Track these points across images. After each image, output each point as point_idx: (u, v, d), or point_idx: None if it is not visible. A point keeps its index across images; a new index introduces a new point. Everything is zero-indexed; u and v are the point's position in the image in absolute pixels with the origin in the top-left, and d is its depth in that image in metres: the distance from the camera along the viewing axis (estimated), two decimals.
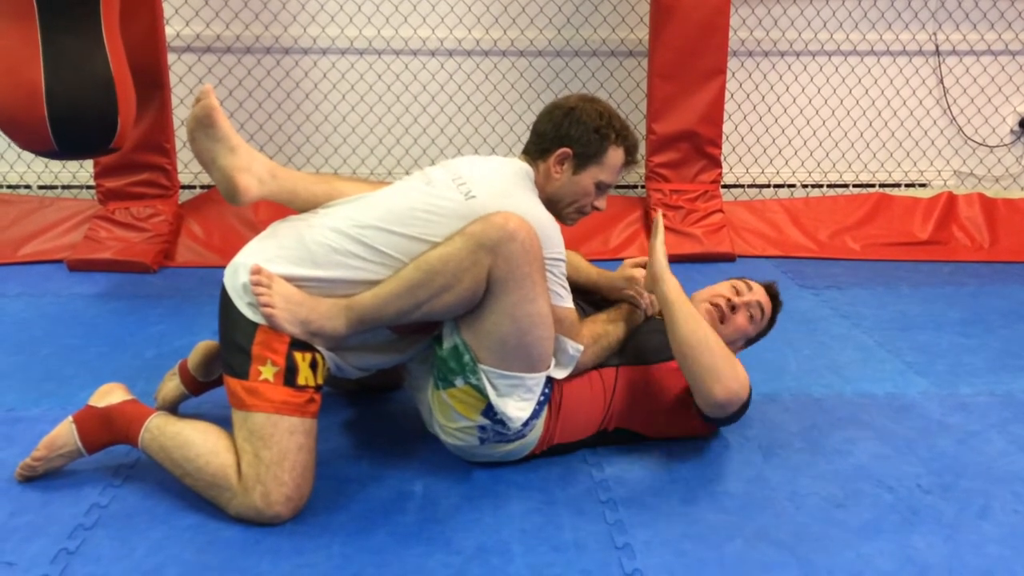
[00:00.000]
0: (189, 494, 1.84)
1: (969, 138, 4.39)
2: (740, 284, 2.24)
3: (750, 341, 2.27)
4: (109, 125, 2.74)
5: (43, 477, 1.91)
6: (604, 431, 2.07)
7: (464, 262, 1.78)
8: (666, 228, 3.76)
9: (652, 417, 2.08)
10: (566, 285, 1.96)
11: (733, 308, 2.18)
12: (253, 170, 1.92)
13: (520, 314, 1.82)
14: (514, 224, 1.78)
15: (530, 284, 1.81)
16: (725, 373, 1.92)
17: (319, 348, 1.86)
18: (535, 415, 1.93)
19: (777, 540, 1.78)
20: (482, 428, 1.92)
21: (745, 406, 2.00)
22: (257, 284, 1.79)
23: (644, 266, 2.17)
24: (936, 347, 2.84)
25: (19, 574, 1.61)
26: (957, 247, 3.95)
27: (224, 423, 1.87)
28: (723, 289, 2.23)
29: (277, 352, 1.81)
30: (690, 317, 1.96)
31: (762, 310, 2.20)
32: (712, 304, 2.18)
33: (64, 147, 2.69)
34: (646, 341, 2.11)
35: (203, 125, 1.90)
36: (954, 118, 4.36)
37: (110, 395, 1.92)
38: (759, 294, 2.22)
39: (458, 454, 2.02)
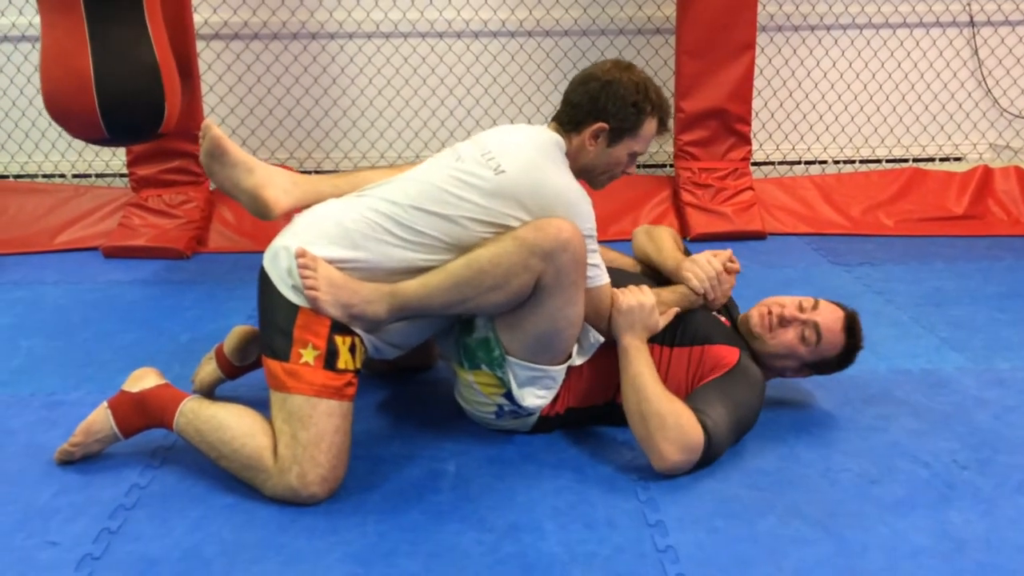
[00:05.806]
0: (226, 474, 1.87)
1: (1005, 110, 4.30)
2: (808, 301, 2.10)
3: (812, 367, 2.12)
4: (157, 110, 2.81)
5: (83, 459, 1.94)
6: (614, 401, 2.08)
7: (515, 267, 1.80)
8: (696, 207, 3.76)
9: None
10: (598, 261, 1.95)
11: (783, 321, 2.07)
12: (276, 183, 1.98)
13: (559, 316, 1.87)
14: (567, 234, 1.80)
15: (574, 290, 1.86)
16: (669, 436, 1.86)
17: (358, 331, 1.88)
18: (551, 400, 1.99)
19: (810, 516, 1.77)
20: (499, 407, 1.99)
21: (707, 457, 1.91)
22: (304, 267, 1.81)
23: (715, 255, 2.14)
24: (972, 322, 2.80)
25: (62, 553, 1.65)
26: (993, 221, 3.88)
27: (258, 406, 1.90)
28: (786, 299, 2.11)
29: (319, 335, 1.82)
30: (638, 377, 1.91)
31: (818, 333, 2.04)
32: (766, 311, 2.09)
33: (115, 134, 2.76)
34: (681, 324, 2.07)
35: (214, 157, 1.97)
36: (989, 90, 4.27)
37: (143, 380, 1.95)
38: (824, 316, 2.07)
39: (475, 419, 2.09)
